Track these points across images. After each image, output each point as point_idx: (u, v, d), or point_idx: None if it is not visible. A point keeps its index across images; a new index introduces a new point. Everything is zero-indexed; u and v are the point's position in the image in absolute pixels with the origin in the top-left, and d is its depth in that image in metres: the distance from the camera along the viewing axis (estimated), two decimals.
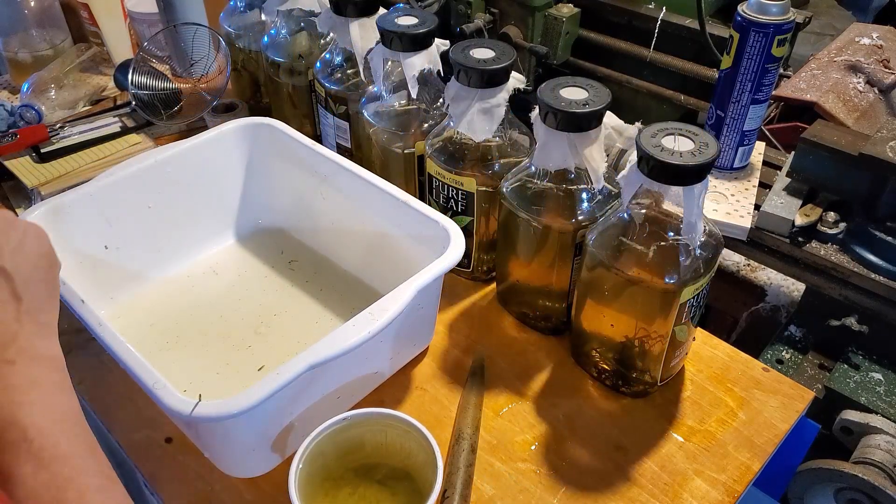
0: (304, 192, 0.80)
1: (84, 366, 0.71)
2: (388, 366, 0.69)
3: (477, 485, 0.62)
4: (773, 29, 0.81)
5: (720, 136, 0.90)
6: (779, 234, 0.84)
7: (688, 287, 0.60)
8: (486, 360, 0.73)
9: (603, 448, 0.65)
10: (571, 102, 0.62)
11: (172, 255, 0.80)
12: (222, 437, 0.58)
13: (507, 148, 0.74)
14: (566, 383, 0.71)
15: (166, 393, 0.51)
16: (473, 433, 0.65)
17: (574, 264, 0.69)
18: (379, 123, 0.81)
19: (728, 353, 0.74)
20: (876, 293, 0.80)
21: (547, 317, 0.75)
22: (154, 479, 0.63)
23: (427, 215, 0.67)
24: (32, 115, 1.00)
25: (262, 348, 0.73)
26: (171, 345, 0.73)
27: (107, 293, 0.74)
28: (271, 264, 0.82)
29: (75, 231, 0.70)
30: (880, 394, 0.82)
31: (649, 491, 0.62)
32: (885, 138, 0.79)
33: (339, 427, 0.56)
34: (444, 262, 0.62)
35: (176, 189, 0.78)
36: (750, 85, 0.85)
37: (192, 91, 1.03)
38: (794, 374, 0.86)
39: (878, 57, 1.09)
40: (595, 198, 0.67)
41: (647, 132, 0.58)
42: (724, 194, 0.89)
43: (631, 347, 0.66)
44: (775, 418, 0.68)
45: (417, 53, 0.76)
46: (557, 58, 1.11)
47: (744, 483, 0.62)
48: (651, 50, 1.09)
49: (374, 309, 0.57)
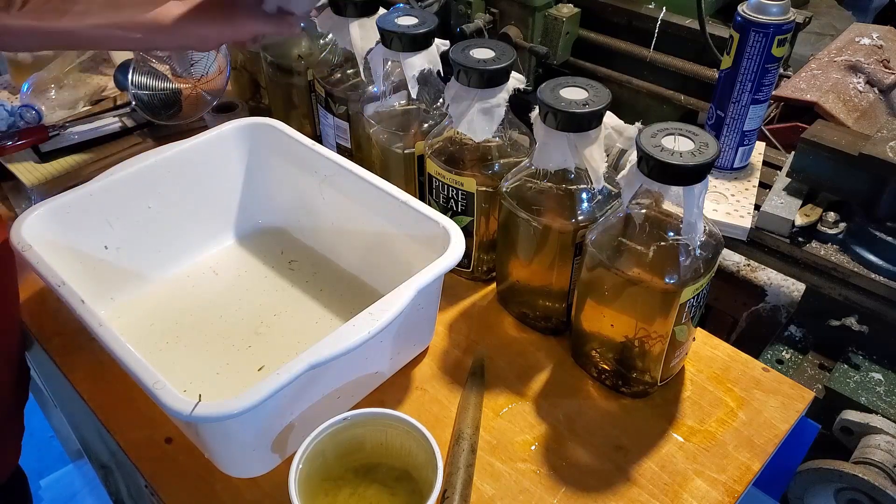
0: (304, 192, 0.80)
1: (84, 366, 0.71)
2: (388, 366, 0.69)
3: (477, 485, 0.62)
4: (773, 29, 0.81)
5: (720, 136, 0.90)
6: (779, 234, 0.84)
7: (688, 287, 0.60)
8: (486, 360, 0.73)
9: (603, 448, 0.65)
10: (571, 102, 0.62)
11: (172, 255, 0.80)
12: (222, 437, 0.58)
13: (507, 148, 0.74)
14: (566, 383, 0.71)
15: (166, 393, 0.51)
16: (473, 433, 0.65)
17: (574, 264, 0.69)
18: (379, 123, 0.81)
19: (728, 353, 0.74)
20: (876, 293, 0.80)
21: (547, 317, 0.75)
22: (154, 479, 0.63)
23: (427, 215, 0.67)
24: (32, 115, 1.00)
25: (262, 348, 0.73)
26: (171, 345, 0.73)
27: (107, 293, 0.74)
28: (271, 264, 0.82)
29: (75, 231, 0.70)
30: (880, 394, 0.82)
31: (649, 491, 0.62)
32: (885, 138, 0.79)
33: (339, 427, 0.56)
34: (444, 262, 0.62)
35: (176, 189, 0.78)
36: (750, 85, 0.85)
37: (192, 91, 1.03)
38: (794, 374, 0.86)
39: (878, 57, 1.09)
40: (595, 198, 0.67)
41: (647, 132, 0.58)
42: (724, 194, 0.89)
43: (631, 347, 0.66)
44: (775, 418, 0.68)
45: (417, 54, 0.76)
46: (557, 58, 1.11)
47: (744, 483, 0.62)
48: (651, 50, 1.09)
49: (374, 309, 0.57)
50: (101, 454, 1.05)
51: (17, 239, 0.64)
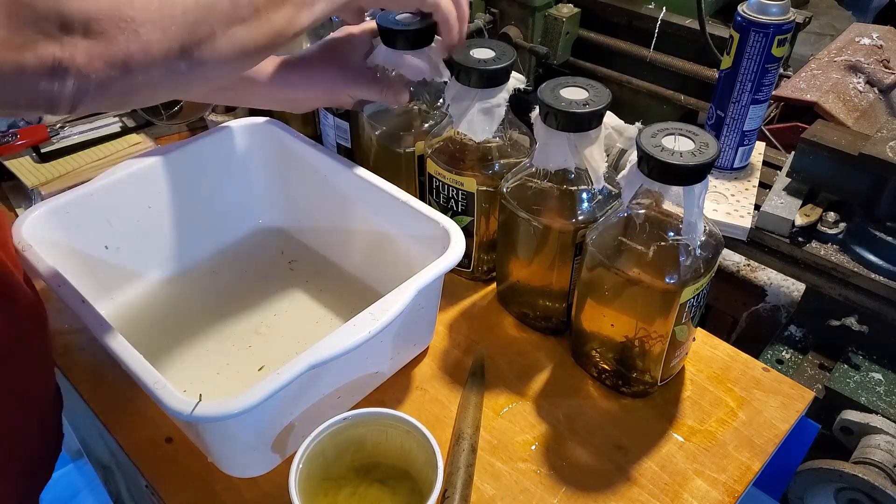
0: (304, 192, 0.80)
1: (84, 366, 0.71)
2: (389, 366, 0.69)
3: (477, 485, 0.62)
4: (774, 29, 0.81)
5: (720, 136, 0.90)
6: (779, 234, 0.84)
7: (688, 287, 0.60)
8: (486, 360, 0.73)
9: (603, 448, 0.65)
10: (571, 102, 0.62)
11: (172, 255, 0.80)
12: (222, 437, 0.58)
13: (507, 148, 0.74)
14: (566, 383, 0.71)
15: (166, 393, 0.51)
16: (474, 433, 0.65)
17: (574, 264, 0.69)
18: (379, 123, 0.81)
19: (728, 353, 0.74)
20: (876, 293, 0.80)
21: (547, 317, 0.75)
22: (154, 479, 0.63)
23: (427, 215, 0.67)
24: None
25: (262, 348, 0.73)
26: (171, 345, 0.73)
27: (107, 293, 0.74)
28: (271, 264, 0.82)
29: (75, 231, 0.70)
30: (880, 394, 0.82)
31: (649, 491, 0.62)
32: (885, 138, 0.79)
33: (339, 427, 0.56)
34: (445, 262, 0.62)
35: (176, 189, 0.77)
36: (750, 85, 0.85)
37: None
38: (794, 374, 0.86)
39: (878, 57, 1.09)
40: (595, 198, 0.67)
41: (647, 132, 0.58)
42: (724, 194, 0.89)
43: (631, 347, 0.66)
44: (775, 418, 0.68)
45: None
46: (557, 58, 1.11)
47: (744, 483, 0.62)
48: (651, 50, 1.09)
49: (374, 309, 0.57)
50: (101, 454, 1.05)
51: (17, 239, 0.64)
